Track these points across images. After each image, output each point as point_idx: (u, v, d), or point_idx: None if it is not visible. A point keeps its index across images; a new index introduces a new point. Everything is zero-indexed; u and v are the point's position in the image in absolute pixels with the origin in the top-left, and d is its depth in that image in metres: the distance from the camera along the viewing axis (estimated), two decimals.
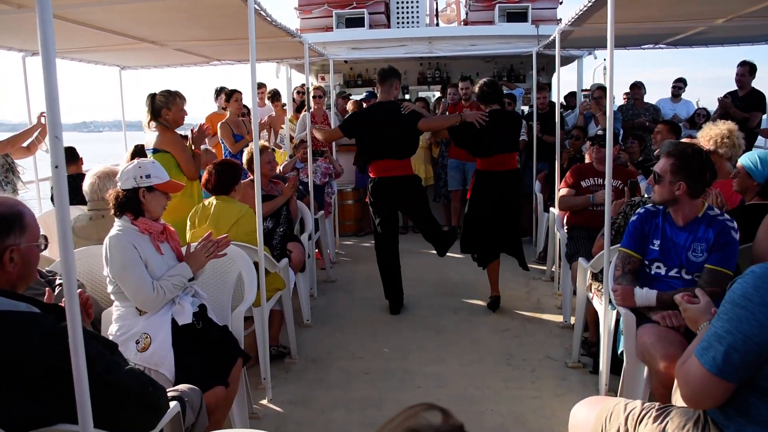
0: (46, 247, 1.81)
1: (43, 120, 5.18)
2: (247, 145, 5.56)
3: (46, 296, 2.07)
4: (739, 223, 2.73)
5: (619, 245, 3.00)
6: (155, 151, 4.11)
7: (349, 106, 7.52)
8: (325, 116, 7.04)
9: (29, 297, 1.70)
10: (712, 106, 6.96)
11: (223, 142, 6.41)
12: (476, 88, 4.98)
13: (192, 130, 4.37)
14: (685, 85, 7.92)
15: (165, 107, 4.13)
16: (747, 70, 6.63)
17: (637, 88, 7.42)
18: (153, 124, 4.18)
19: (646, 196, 3.73)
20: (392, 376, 3.83)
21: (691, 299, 1.98)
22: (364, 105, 7.42)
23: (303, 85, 7.73)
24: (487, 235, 4.93)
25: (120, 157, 6.02)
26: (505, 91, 7.51)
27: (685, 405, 1.75)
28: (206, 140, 7.20)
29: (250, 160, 4.45)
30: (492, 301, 5.04)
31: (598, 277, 3.58)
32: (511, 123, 4.96)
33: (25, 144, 5.23)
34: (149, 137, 4.23)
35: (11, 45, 5.20)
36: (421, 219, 5.13)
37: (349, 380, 3.80)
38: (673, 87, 7.91)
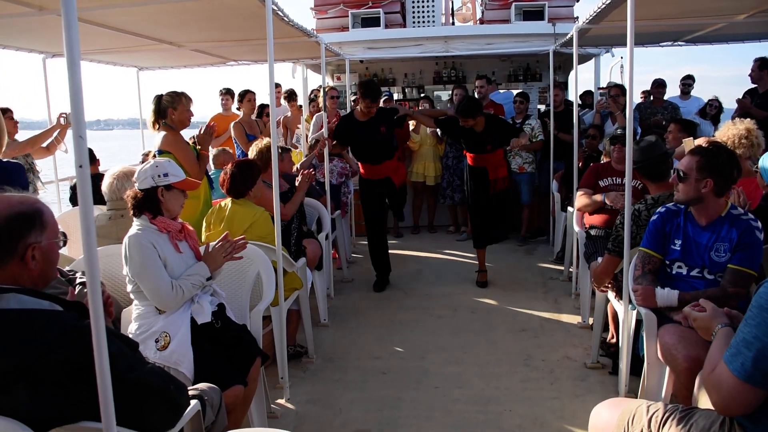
0: (65, 243, 1.82)
1: (62, 121, 5.24)
2: None
3: (69, 295, 2.09)
4: (762, 223, 2.69)
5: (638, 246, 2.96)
6: (160, 152, 4.13)
7: None
8: (339, 116, 7.03)
9: (51, 295, 1.72)
10: (733, 105, 6.84)
11: (236, 142, 6.46)
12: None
13: (200, 130, 4.37)
14: (694, 81, 7.88)
15: (171, 107, 4.13)
16: (758, 65, 6.51)
17: (659, 87, 7.34)
18: (158, 125, 4.20)
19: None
20: (410, 376, 3.82)
21: (701, 309, 1.97)
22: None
23: (320, 87, 7.74)
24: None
25: (131, 153, 6.09)
26: (515, 92, 7.51)
27: (711, 408, 1.73)
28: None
29: (257, 158, 4.42)
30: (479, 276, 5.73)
31: (617, 276, 3.54)
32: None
33: (44, 144, 5.30)
34: (156, 139, 4.25)
35: (32, 47, 5.27)
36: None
37: (367, 380, 3.80)
38: (682, 84, 7.88)
